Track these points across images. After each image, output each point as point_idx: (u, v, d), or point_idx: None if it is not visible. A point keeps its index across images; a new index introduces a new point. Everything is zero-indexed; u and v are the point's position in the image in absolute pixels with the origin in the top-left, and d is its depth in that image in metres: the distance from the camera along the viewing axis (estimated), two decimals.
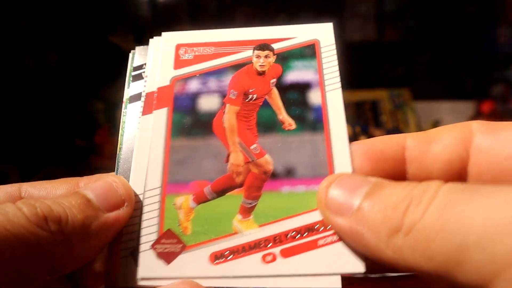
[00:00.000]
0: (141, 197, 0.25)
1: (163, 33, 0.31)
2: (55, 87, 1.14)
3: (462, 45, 1.38)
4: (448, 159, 0.23)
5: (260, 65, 0.29)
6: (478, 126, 0.24)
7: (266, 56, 0.29)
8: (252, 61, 0.29)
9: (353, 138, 1.06)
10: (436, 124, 1.22)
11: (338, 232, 0.22)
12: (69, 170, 1.09)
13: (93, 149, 1.13)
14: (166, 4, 1.37)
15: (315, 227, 0.24)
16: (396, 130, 1.23)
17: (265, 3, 1.41)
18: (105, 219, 0.22)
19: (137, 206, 0.25)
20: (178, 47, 0.30)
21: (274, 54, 0.29)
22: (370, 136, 1.01)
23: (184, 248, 0.24)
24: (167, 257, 0.24)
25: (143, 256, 0.24)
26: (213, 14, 1.39)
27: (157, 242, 0.24)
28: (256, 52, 0.30)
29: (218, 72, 0.29)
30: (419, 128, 1.28)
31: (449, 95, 1.36)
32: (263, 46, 0.30)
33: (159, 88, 0.29)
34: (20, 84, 1.10)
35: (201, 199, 0.26)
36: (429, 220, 0.18)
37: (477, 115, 1.26)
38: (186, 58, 0.30)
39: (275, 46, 0.30)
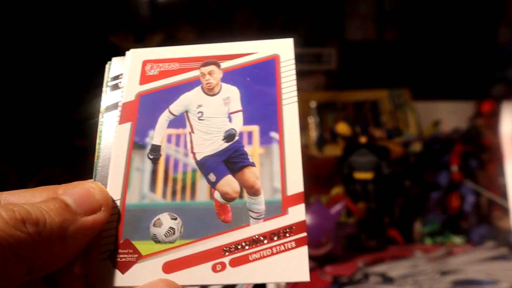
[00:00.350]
0: (118, 202, 0.27)
1: (131, 50, 0.31)
2: (55, 87, 1.14)
3: (462, 45, 1.38)
4: None
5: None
6: None
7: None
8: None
9: (353, 138, 1.06)
10: (436, 124, 1.21)
11: None
12: (69, 170, 1.09)
13: (93, 149, 1.13)
14: (166, 4, 1.37)
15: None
16: (396, 130, 1.23)
17: (265, 3, 1.41)
18: (83, 222, 0.23)
19: (114, 211, 0.26)
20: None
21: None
22: (370, 136, 1.01)
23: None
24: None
25: (100, 266, 0.25)
26: (213, 14, 1.39)
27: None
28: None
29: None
30: (419, 128, 1.28)
31: (449, 95, 1.36)
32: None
33: (124, 104, 0.29)
34: (20, 84, 1.10)
35: None
36: None
37: (477, 115, 1.26)
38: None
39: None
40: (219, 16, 1.39)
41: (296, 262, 0.24)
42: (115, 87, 0.30)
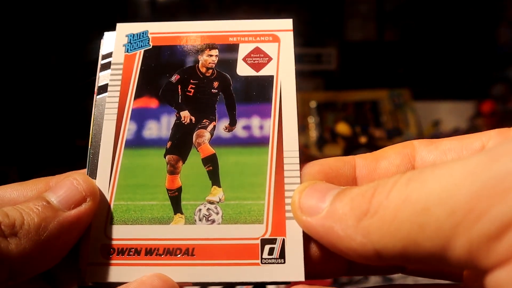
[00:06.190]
0: (108, 192, 0.25)
1: (118, 24, 0.29)
2: (55, 87, 1.15)
3: (462, 45, 1.38)
4: (396, 172, 0.25)
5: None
6: (420, 142, 0.26)
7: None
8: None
9: (353, 138, 1.06)
10: (436, 124, 1.21)
11: (310, 232, 0.23)
12: (69, 170, 1.09)
13: None
14: (166, 4, 1.37)
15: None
16: (396, 130, 1.23)
17: (265, 3, 1.41)
18: (65, 217, 0.22)
19: (104, 201, 0.25)
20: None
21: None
22: (370, 136, 1.01)
23: None
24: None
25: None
26: (213, 14, 1.39)
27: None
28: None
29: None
30: (419, 128, 1.28)
31: (449, 95, 1.36)
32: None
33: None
34: (20, 84, 1.10)
35: None
36: (394, 196, 0.18)
37: (477, 115, 1.26)
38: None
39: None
40: (219, 15, 1.39)
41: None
42: (106, 66, 0.28)
